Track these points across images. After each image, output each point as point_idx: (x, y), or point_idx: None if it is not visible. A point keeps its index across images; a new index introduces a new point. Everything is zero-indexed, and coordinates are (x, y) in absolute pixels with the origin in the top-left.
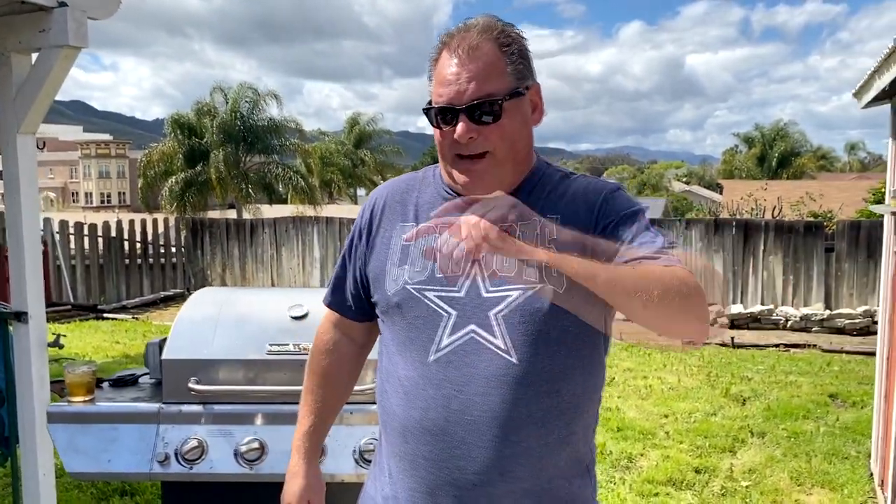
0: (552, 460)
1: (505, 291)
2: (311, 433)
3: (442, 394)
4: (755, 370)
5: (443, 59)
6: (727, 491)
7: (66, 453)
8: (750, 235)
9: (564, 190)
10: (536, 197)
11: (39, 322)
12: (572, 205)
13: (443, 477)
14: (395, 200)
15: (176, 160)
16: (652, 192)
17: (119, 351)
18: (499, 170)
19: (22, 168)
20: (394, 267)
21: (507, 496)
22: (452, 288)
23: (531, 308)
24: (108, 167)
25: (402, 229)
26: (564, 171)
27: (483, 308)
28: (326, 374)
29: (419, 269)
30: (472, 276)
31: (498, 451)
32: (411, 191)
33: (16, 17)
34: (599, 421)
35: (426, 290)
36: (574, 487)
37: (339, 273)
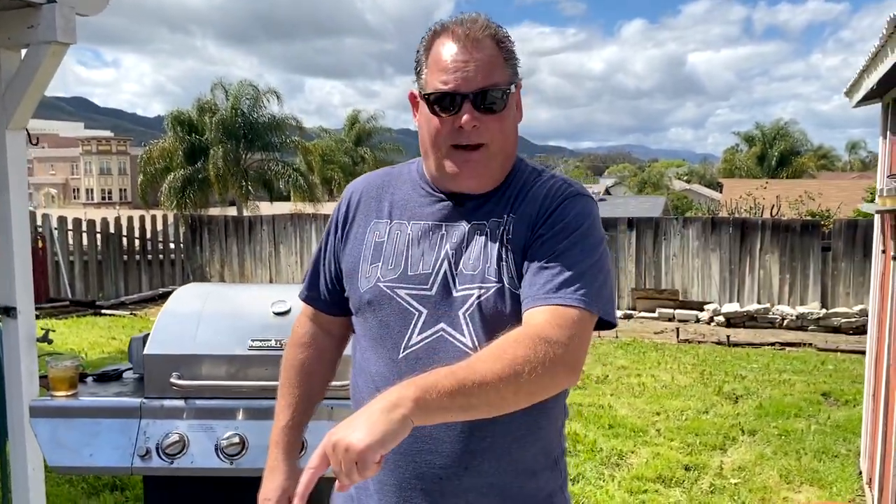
0: (518, 455)
1: (470, 290)
2: (290, 428)
3: None
4: (749, 368)
5: (444, 45)
6: (716, 488)
7: (49, 447)
8: (747, 234)
9: (530, 187)
10: (511, 193)
11: (28, 317)
12: (531, 204)
13: (410, 470)
14: (370, 196)
15: (176, 157)
16: (653, 191)
17: (115, 347)
18: (491, 162)
19: (11, 164)
20: (367, 264)
21: (471, 490)
22: (424, 286)
23: (492, 306)
24: (109, 164)
25: (375, 226)
26: (536, 167)
27: (453, 307)
28: (304, 368)
29: (391, 266)
30: (442, 274)
31: (464, 446)
32: (387, 186)
33: (4, 13)
34: (590, 418)
35: (398, 288)
36: (541, 481)
37: (314, 267)
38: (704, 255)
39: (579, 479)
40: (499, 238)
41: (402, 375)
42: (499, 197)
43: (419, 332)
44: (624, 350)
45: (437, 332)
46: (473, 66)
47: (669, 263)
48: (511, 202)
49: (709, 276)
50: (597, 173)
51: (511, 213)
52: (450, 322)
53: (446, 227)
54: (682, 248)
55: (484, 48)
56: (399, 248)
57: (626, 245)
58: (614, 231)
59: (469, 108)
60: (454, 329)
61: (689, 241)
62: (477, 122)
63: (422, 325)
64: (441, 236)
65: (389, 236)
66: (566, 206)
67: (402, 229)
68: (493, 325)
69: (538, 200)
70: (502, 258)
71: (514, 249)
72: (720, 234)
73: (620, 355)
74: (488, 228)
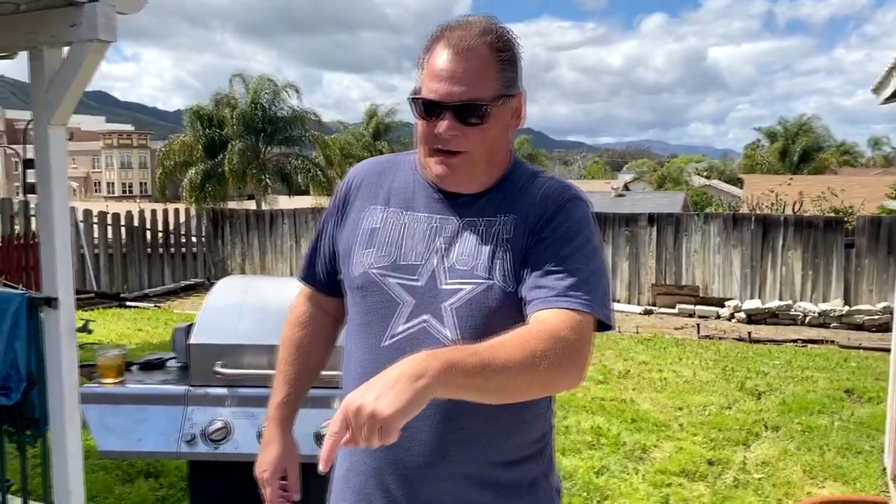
0: (499, 448)
1: (459, 285)
2: (286, 403)
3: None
4: (771, 365)
5: (438, 52)
6: (740, 483)
7: (98, 432)
8: (769, 230)
9: (527, 189)
10: (506, 193)
11: (69, 308)
12: (530, 206)
13: (389, 456)
14: (370, 181)
15: (196, 151)
16: (673, 186)
17: (142, 338)
18: (473, 168)
19: (53, 158)
20: (360, 249)
21: (447, 478)
22: (413, 277)
23: (481, 303)
24: (129, 157)
25: (371, 211)
26: (534, 170)
27: (438, 299)
28: (301, 346)
29: (384, 253)
30: (432, 266)
31: (441, 437)
32: (387, 173)
33: (48, 11)
34: (613, 412)
35: (388, 277)
36: (523, 470)
37: (312, 248)
38: (726, 251)
39: (603, 472)
40: (493, 237)
41: (383, 364)
42: (493, 195)
43: (404, 321)
44: (645, 345)
45: (421, 322)
46: (460, 77)
47: (690, 259)
48: (506, 202)
49: (730, 272)
50: (615, 169)
51: (507, 213)
52: (434, 314)
53: (439, 221)
54: (703, 244)
55: (475, 57)
56: (392, 237)
57: (646, 240)
58: (635, 226)
59: (449, 118)
60: (438, 321)
61: (710, 236)
62: (456, 131)
63: (407, 315)
64: (434, 229)
65: (384, 223)
66: (567, 210)
67: (397, 218)
68: (478, 320)
69: (536, 203)
70: (496, 256)
71: (513, 250)
72: (742, 230)
73: (641, 350)
74: (482, 226)
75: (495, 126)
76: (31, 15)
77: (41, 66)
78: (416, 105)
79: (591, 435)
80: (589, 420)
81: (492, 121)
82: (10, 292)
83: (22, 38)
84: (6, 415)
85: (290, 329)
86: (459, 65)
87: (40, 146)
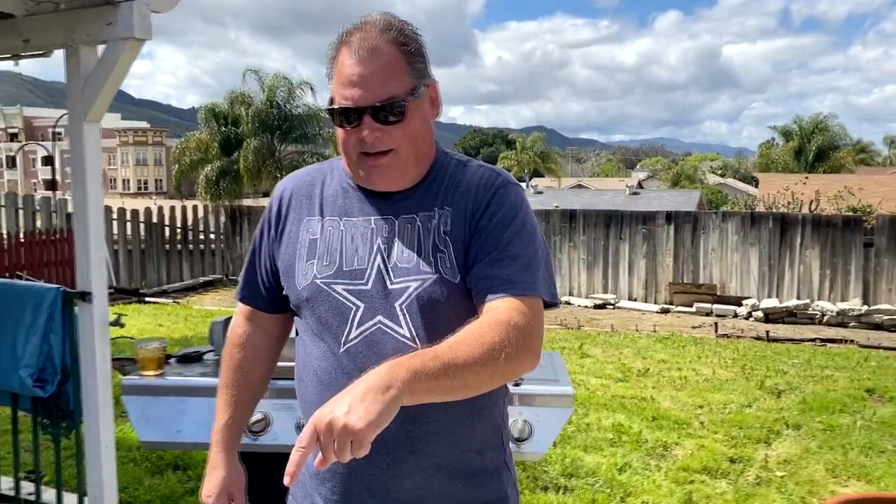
0: (464, 436)
1: (406, 282)
2: (229, 426)
3: (352, 382)
4: (790, 364)
5: (344, 58)
6: (762, 480)
7: (139, 423)
8: (787, 229)
9: (459, 179)
10: (436, 188)
11: (102, 302)
12: (465, 197)
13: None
14: (301, 194)
15: (212, 149)
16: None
17: (163, 334)
18: (402, 164)
19: (88, 155)
20: (302, 262)
21: (418, 472)
22: (360, 281)
23: (430, 297)
24: (145, 154)
25: (308, 223)
26: (461, 158)
27: (389, 300)
28: (241, 368)
29: (327, 262)
30: (376, 268)
31: (407, 433)
32: (315, 184)
33: (85, 10)
34: (633, 410)
35: (335, 284)
36: (486, 458)
37: (249, 267)
38: (743, 249)
39: (626, 469)
40: (433, 230)
41: (344, 369)
42: (424, 189)
43: (357, 325)
44: (663, 344)
45: (375, 324)
46: (370, 78)
47: (708, 258)
48: (439, 194)
49: (747, 271)
50: (629, 166)
51: (444, 206)
52: (387, 314)
53: (375, 222)
54: (720, 242)
55: (380, 56)
56: (333, 245)
57: (664, 239)
58: (652, 224)
59: (369, 122)
60: (392, 321)
61: (727, 235)
62: (378, 132)
63: (360, 319)
64: (372, 231)
65: (322, 233)
66: (500, 196)
67: (334, 225)
68: (430, 315)
69: (471, 192)
70: (438, 249)
71: (453, 241)
72: (760, 228)
73: (660, 349)
74: (419, 222)
75: (415, 120)
76: (68, 14)
77: (77, 64)
78: (333, 115)
79: (613, 432)
80: (610, 418)
81: (410, 115)
82: (46, 286)
83: (59, 37)
84: (41, 406)
85: (230, 350)
86: (367, 67)
87: (75, 143)
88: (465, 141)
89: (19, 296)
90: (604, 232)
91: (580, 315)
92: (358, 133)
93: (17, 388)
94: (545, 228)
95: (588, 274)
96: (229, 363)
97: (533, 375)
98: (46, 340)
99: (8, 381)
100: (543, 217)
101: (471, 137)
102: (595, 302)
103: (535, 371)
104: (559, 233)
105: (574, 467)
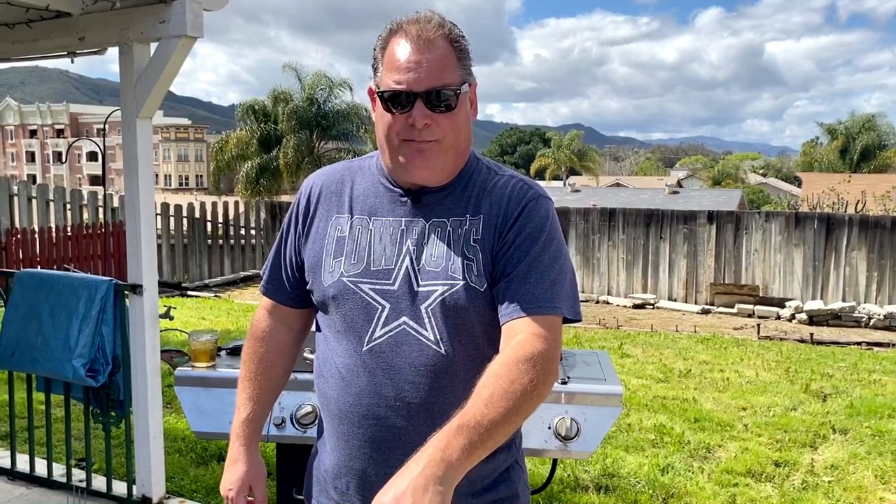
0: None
1: (433, 286)
2: (251, 420)
3: (375, 381)
4: (836, 367)
5: (398, 45)
6: (808, 485)
7: (192, 414)
8: (832, 230)
9: (492, 188)
10: (470, 192)
11: (152, 295)
12: (496, 207)
13: (375, 458)
14: (330, 190)
15: (251, 146)
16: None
17: (205, 327)
18: (444, 156)
19: (140, 150)
20: (329, 259)
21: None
22: (387, 281)
23: (455, 303)
24: (186, 150)
25: (337, 220)
26: (491, 165)
27: (415, 301)
28: (263, 362)
29: (354, 261)
30: (404, 269)
31: (426, 435)
32: (345, 181)
33: (139, 8)
34: (675, 411)
35: (361, 283)
36: (498, 462)
37: (273, 261)
38: (787, 250)
39: (668, 470)
40: (462, 237)
41: (366, 367)
42: (457, 194)
43: (382, 325)
44: (704, 345)
45: (400, 325)
46: (426, 66)
47: (750, 258)
48: (471, 201)
49: (791, 272)
50: (668, 165)
51: (474, 213)
52: (412, 316)
53: (406, 224)
54: (763, 242)
55: (436, 48)
56: (361, 244)
57: (705, 239)
58: (693, 224)
59: (421, 107)
60: (417, 323)
61: (771, 235)
62: (429, 119)
63: (385, 319)
64: (402, 232)
65: (351, 231)
66: (530, 209)
67: (363, 224)
68: (455, 320)
69: (502, 203)
70: (467, 257)
71: (483, 250)
72: (804, 229)
73: (701, 350)
74: (449, 227)
75: (462, 113)
76: (123, 12)
77: (130, 61)
78: (382, 100)
79: (654, 433)
80: (651, 418)
81: (459, 107)
82: (99, 279)
83: (114, 35)
84: (93, 396)
85: (251, 344)
86: (423, 55)
87: (128, 138)
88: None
89: (74, 288)
90: (644, 231)
91: (619, 315)
92: (406, 119)
93: (70, 377)
94: (584, 227)
95: (627, 273)
96: (252, 356)
97: (581, 374)
98: (98, 331)
99: (62, 370)
100: (582, 216)
101: (507, 135)
102: (634, 302)
103: (583, 370)
104: (598, 231)
105: (615, 467)
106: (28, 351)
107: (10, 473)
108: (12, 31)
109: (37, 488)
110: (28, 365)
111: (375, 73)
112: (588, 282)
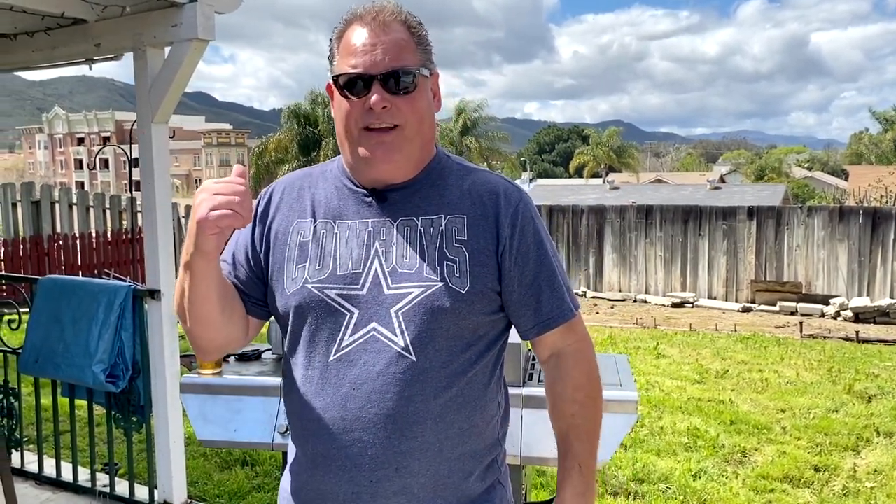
0: (451, 454)
1: (406, 288)
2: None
3: (340, 393)
4: (882, 367)
5: (353, 31)
6: (849, 491)
7: (197, 421)
8: (878, 224)
9: (469, 186)
10: (440, 189)
11: (171, 300)
12: (479, 207)
13: (341, 475)
14: (291, 196)
15: (291, 149)
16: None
17: None
18: (407, 145)
19: (156, 155)
20: (292, 265)
21: (402, 492)
22: (354, 285)
23: (432, 306)
24: (228, 155)
25: (299, 225)
26: (462, 162)
27: (384, 305)
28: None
29: (319, 266)
30: (373, 272)
31: (393, 448)
32: (305, 188)
33: (151, 13)
34: (710, 414)
35: (327, 289)
36: (473, 479)
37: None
38: (831, 245)
39: (701, 475)
40: (440, 237)
41: (332, 379)
42: (426, 192)
43: (351, 332)
44: (743, 344)
45: (370, 332)
46: (381, 48)
47: (792, 254)
48: (444, 199)
49: (835, 268)
50: (710, 160)
51: (453, 212)
52: (381, 321)
53: (373, 225)
54: (806, 238)
55: (392, 31)
56: (326, 248)
57: (745, 235)
58: (733, 220)
59: (378, 89)
60: (386, 328)
61: (813, 230)
62: (387, 102)
63: (354, 326)
64: (369, 234)
65: (315, 235)
66: (523, 213)
67: (328, 228)
68: (430, 324)
69: (490, 203)
70: (448, 257)
71: (470, 251)
72: (848, 223)
73: (740, 349)
74: (420, 226)
75: (423, 97)
76: (135, 17)
77: (144, 65)
78: (338, 87)
79: (688, 436)
80: (685, 421)
81: (419, 90)
82: (117, 284)
83: (128, 40)
84: (114, 401)
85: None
86: (380, 37)
87: (143, 143)
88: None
89: (93, 294)
90: (682, 228)
91: (657, 314)
92: (363, 103)
93: (90, 383)
94: (620, 225)
95: (665, 272)
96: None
97: None
98: (118, 337)
99: (83, 376)
100: (618, 213)
101: (546, 133)
102: (673, 300)
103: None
104: (635, 229)
105: (645, 472)
106: (51, 357)
107: (38, 478)
108: (32, 39)
109: (62, 493)
110: (51, 371)
111: (332, 65)
112: (625, 280)
